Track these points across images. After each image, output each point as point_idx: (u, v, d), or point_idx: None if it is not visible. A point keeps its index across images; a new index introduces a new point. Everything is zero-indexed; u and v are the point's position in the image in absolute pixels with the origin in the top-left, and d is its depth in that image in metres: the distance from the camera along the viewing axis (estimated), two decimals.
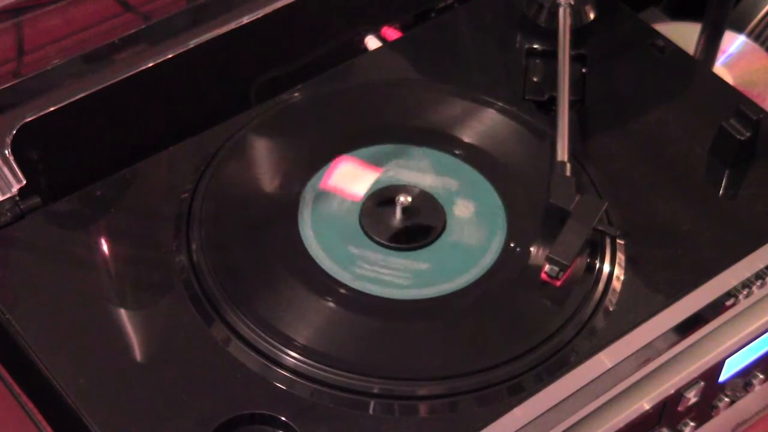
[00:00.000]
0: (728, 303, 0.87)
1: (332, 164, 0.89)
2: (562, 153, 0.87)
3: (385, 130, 0.92)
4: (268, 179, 0.89)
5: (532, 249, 0.85)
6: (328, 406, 0.76)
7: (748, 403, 0.99)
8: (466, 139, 0.91)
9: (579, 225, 0.82)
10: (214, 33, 0.96)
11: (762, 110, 0.92)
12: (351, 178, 0.88)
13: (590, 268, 0.83)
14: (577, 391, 0.81)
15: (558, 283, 0.81)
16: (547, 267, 0.81)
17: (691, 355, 0.88)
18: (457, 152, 0.90)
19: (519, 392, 0.77)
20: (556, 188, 0.85)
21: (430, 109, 0.93)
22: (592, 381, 0.81)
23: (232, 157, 0.89)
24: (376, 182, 0.88)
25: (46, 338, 0.79)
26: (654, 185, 0.89)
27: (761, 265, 0.87)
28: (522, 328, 0.80)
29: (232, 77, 1.00)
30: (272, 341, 0.78)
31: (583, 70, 0.96)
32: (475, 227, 0.86)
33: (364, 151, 0.90)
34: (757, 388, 0.96)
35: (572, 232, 0.82)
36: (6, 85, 0.90)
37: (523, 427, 0.78)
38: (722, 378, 0.93)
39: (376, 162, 0.89)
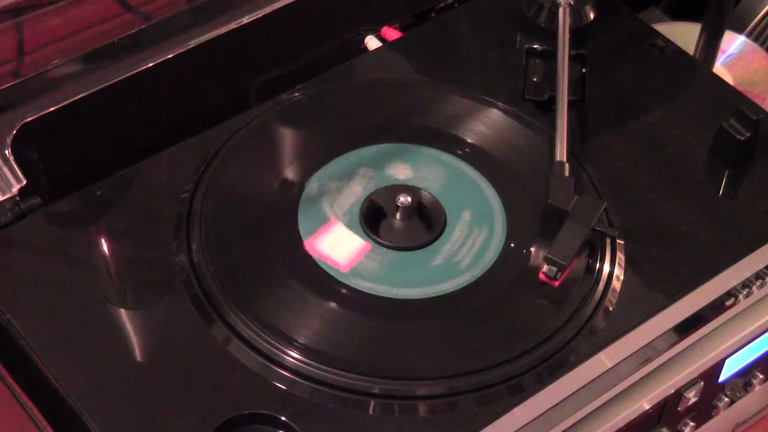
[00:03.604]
0: (728, 303, 0.87)
1: (313, 254, 0.84)
2: (561, 153, 0.87)
3: (385, 130, 0.92)
4: (268, 179, 0.89)
5: (531, 249, 0.85)
6: (328, 406, 0.76)
7: (747, 403, 0.99)
8: (466, 139, 0.91)
9: (577, 225, 0.82)
10: (214, 33, 0.96)
11: (762, 110, 0.92)
12: (341, 243, 0.85)
13: (590, 268, 0.83)
14: (577, 391, 0.81)
15: (556, 284, 0.81)
16: (545, 267, 0.81)
17: (691, 355, 0.88)
18: (457, 152, 0.90)
19: (519, 392, 0.77)
20: (555, 188, 0.85)
21: (430, 109, 0.93)
22: (592, 381, 0.81)
23: (232, 157, 0.89)
24: (350, 229, 0.86)
25: (46, 338, 0.79)
26: (654, 185, 0.89)
27: (761, 265, 0.87)
28: (522, 328, 0.80)
29: (232, 77, 1.00)
30: (272, 341, 0.78)
31: (583, 70, 0.96)
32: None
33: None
34: (757, 388, 0.96)
35: (571, 233, 0.82)
36: (6, 85, 0.90)
37: (523, 427, 0.78)
38: (722, 378, 0.93)
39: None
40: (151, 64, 0.93)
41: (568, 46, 0.94)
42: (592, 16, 0.99)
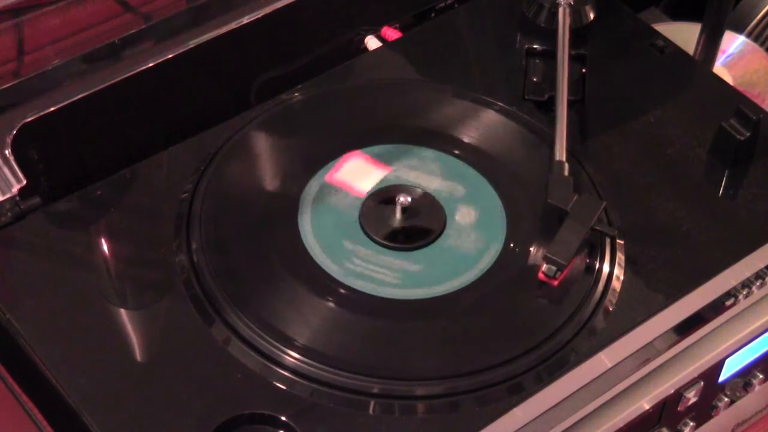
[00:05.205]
0: (728, 303, 0.87)
1: (342, 158, 0.89)
2: (560, 153, 0.87)
3: (385, 130, 0.92)
4: (268, 179, 0.89)
5: (531, 249, 0.85)
6: (328, 406, 0.76)
7: (747, 403, 0.99)
8: (466, 140, 0.91)
9: (576, 225, 0.82)
10: (214, 33, 0.96)
11: (762, 110, 0.92)
12: (359, 174, 0.88)
13: (590, 268, 0.83)
14: (577, 391, 0.81)
15: (555, 283, 0.81)
16: (544, 267, 0.81)
17: (691, 355, 0.88)
18: (456, 152, 0.91)
19: (519, 392, 0.77)
20: (554, 188, 0.85)
21: (430, 109, 0.93)
22: (592, 381, 0.81)
23: (232, 157, 0.89)
24: (381, 181, 0.88)
25: (46, 338, 0.79)
26: (654, 185, 0.89)
27: (761, 265, 0.87)
28: (522, 328, 0.80)
29: (232, 77, 1.00)
30: (272, 341, 0.78)
31: (583, 70, 0.96)
32: (474, 227, 0.86)
33: (364, 151, 0.90)
34: (757, 388, 0.96)
35: (570, 232, 0.82)
36: (6, 85, 0.90)
37: (523, 427, 0.78)
38: (722, 378, 0.93)
39: (383, 161, 0.89)
40: (151, 64, 0.93)
41: (568, 46, 0.94)
42: (592, 16, 0.99)
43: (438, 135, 0.92)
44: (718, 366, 0.91)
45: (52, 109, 0.90)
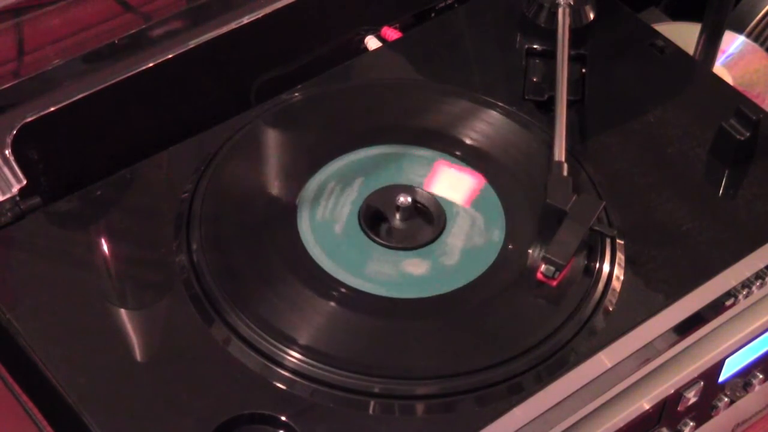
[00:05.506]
0: (728, 303, 0.87)
1: (472, 173, 0.89)
2: (560, 153, 0.87)
3: (385, 130, 0.92)
4: (268, 179, 0.89)
5: (530, 249, 0.85)
6: (328, 406, 0.76)
7: (747, 403, 0.99)
8: (466, 140, 0.91)
9: (576, 225, 0.82)
10: (214, 33, 0.96)
11: (762, 110, 0.92)
12: (452, 183, 0.88)
13: (590, 268, 0.83)
14: (577, 391, 0.81)
15: (554, 283, 0.81)
16: (543, 267, 0.81)
17: (691, 355, 0.88)
18: (456, 152, 0.90)
19: (519, 392, 0.77)
20: (553, 188, 0.85)
21: (430, 109, 0.93)
22: (591, 381, 0.81)
23: (232, 157, 0.89)
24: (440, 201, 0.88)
25: (46, 338, 0.79)
26: (654, 185, 0.89)
27: (761, 265, 0.87)
28: (521, 328, 0.80)
29: (232, 77, 1.00)
30: (272, 341, 0.78)
31: (583, 70, 0.96)
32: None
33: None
34: (757, 388, 0.96)
35: (569, 232, 0.82)
36: (6, 85, 0.90)
37: (523, 427, 0.78)
38: (722, 378, 0.93)
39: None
40: (151, 64, 0.93)
41: (568, 46, 0.94)
42: (592, 16, 0.99)
43: (437, 135, 0.92)
44: (718, 366, 0.91)
45: (52, 109, 0.90)
